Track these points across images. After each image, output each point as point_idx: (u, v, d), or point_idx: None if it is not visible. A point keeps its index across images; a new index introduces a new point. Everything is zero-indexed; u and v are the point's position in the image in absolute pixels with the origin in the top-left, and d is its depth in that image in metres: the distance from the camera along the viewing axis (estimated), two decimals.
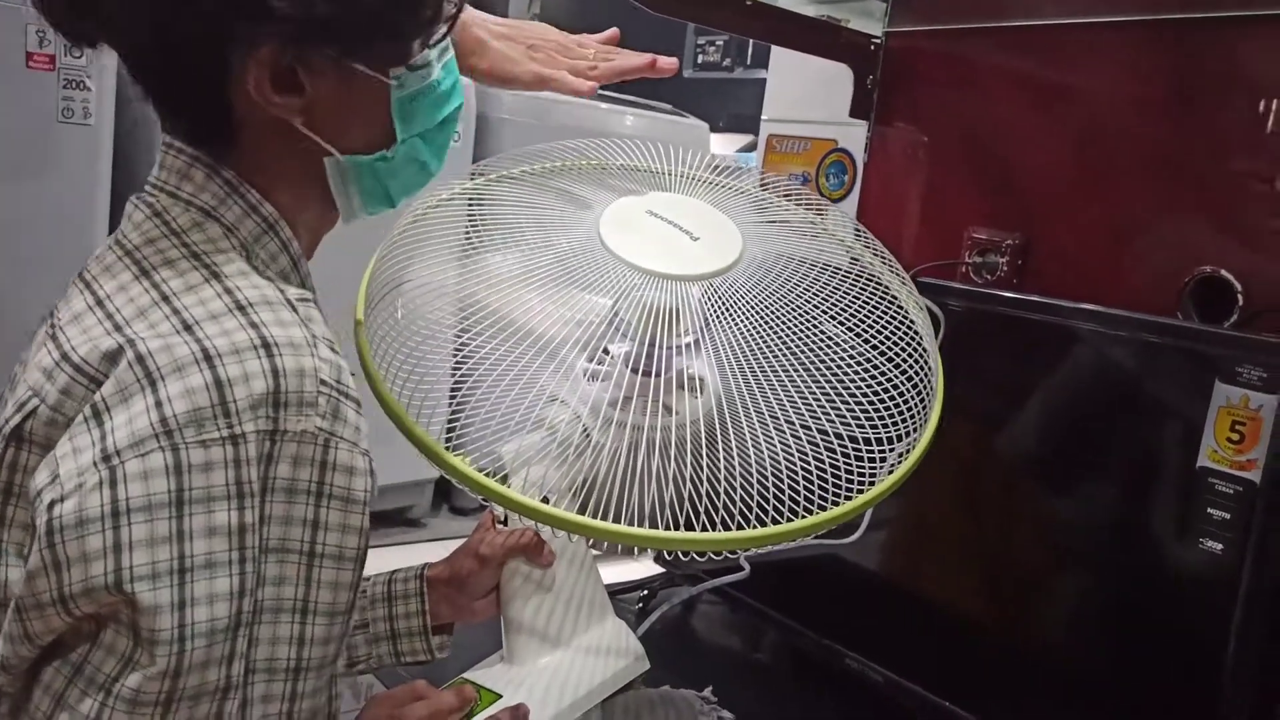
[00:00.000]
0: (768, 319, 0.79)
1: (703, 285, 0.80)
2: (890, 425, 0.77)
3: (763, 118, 1.61)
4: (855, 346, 0.80)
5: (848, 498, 0.74)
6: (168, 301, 0.64)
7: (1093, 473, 0.98)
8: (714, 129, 3.23)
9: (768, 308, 0.79)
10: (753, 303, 0.79)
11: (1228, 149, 1.12)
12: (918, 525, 1.12)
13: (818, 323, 0.79)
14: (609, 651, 0.93)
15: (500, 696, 0.88)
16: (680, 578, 1.35)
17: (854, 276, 0.85)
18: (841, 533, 0.78)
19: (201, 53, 0.64)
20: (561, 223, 0.85)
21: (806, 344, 0.78)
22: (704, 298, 0.79)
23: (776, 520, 0.71)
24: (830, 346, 0.79)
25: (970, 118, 1.37)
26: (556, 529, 0.73)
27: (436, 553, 0.99)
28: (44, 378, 0.64)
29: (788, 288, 0.81)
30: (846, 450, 0.75)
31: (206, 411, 0.58)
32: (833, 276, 0.83)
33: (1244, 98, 1.10)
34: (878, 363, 0.79)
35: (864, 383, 0.78)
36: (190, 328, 0.62)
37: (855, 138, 1.47)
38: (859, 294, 0.83)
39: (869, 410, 0.77)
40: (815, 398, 0.76)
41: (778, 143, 1.58)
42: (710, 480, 0.74)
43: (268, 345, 0.61)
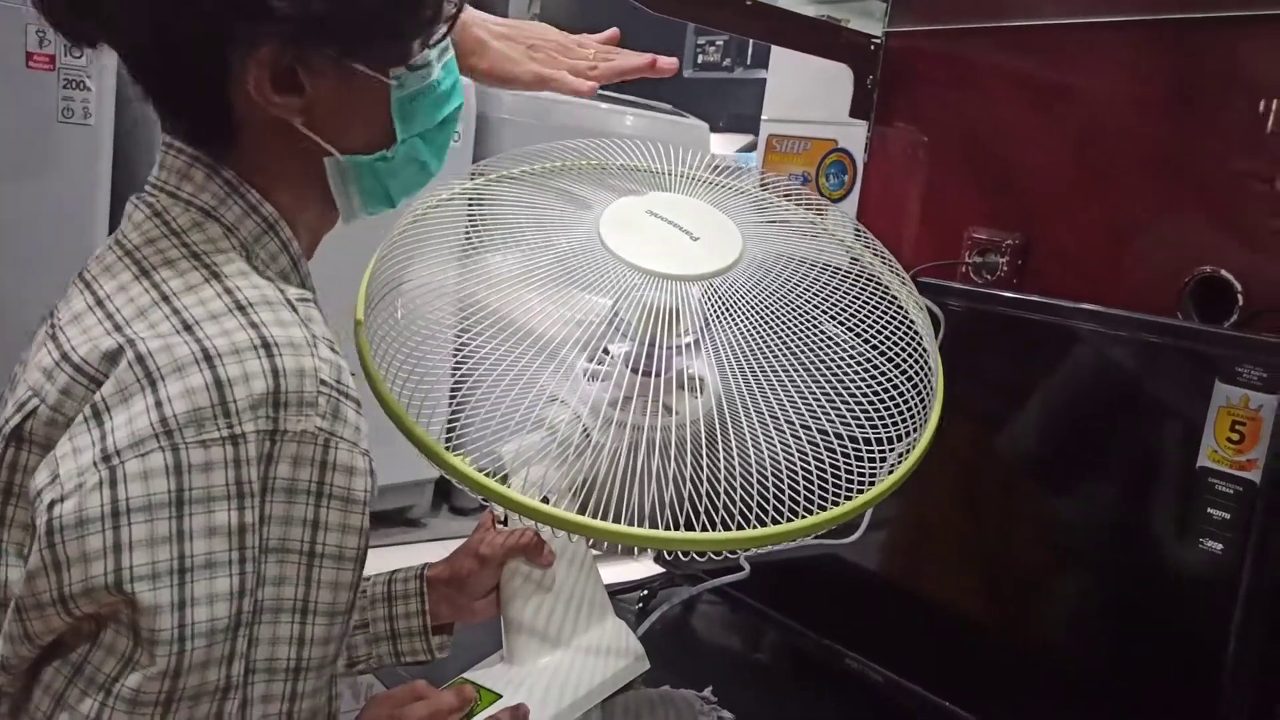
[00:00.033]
0: (768, 319, 0.79)
1: (703, 285, 0.80)
2: (890, 425, 0.77)
3: (763, 118, 1.60)
4: (855, 346, 0.79)
5: (848, 498, 0.74)
6: (168, 301, 0.64)
7: (1093, 473, 0.98)
8: (714, 129, 3.23)
9: (768, 308, 0.79)
10: (753, 303, 0.79)
11: (1228, 149, 1.12)
12: (918, 525, 1.12)
13: (818, 323, 0.79)
14: (609, 651, 0.93)
15: (500, 696, 0.88)
16: (680, 578, 1.35)
17: (854, 276, 0.84)
18: (842, 533, 0.78)
19: (201, 53, 0.64)
20: (561, 223, 0.85)
21: (806, 344, 0.78)
22: (704, 298, 0.79)
23: (776, 520, 0.71)
24: (830, 346, 0.79)
25: (970, 118, 1.37)
26: (556, 529, 0.73)
27: (436, 553, 0.99)
28: (44, 378, 0.64)
29: (788, 288, 0.81)
30: (846, 450, 0.75)
31: (206, 411, 0.59)
32: (833, 276, 0.83)
33: (1244, 98, 1.10)
34: (878, 363, 0.79)
35: (864, 383, 0.78)
36: (190, 328, 0.62)
37: (855, 138, 1.47)
38: (859, 294, 0.83)
39: (869, 410, 0.77)
40: (815, 398, 0.76)
41: (778, 143, 1.58)
42: (710, 480, 0.74)
43: (268, 345, 0.61)
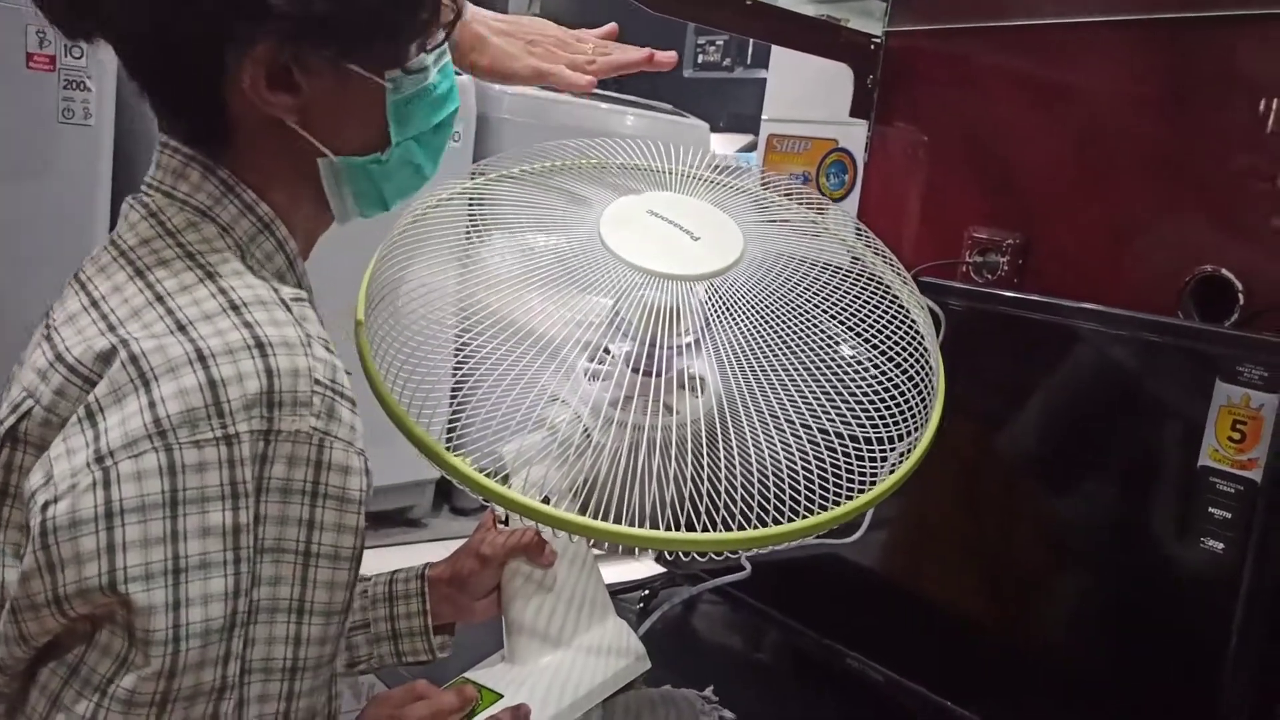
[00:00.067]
0: (768, 318, 0.78)
1: (703, 285, 0.80)
2: (891, 425, 0.77)
3: (763, 117, 1.60)
4: (856, 346, 0.79)
5: (849, 497, 0.73)
6: (162, 302, 0.64)
7: (1094, 472, 0.98)
8: (714, 129, 3.23)
9: (768, 307, 0.79)
10: (753, 302, 0.79)
11: (1228, 148, 1.12)
12: (919, 525, 1.12)
13: (818, 322, 0.79)
14: (610, 651, 0.93)
15: (501, 696, 0.88)
16: (681, 577, 1.35)
17: (855, 276, 0.84)
18: (843, 532, 0.78)
19: (198, 49, 0.64)
20: (562, 222, 0.85)
21: (807, 343, 0.78)
22: (704, 297, 0.79)
23: (777, 520, 0.71)
24: (831, 346, 0.79)
25: (970, 117, 1.37)
26: (557, 529, 0.73)
27: (437, 553, 0.99)
28: (38, 378, 0.64)
29: (788, 287, 0.81)
30: (847, 450, 0.75)
31: (200, 412, 0.58)
32: (833, 276, 0.83)
33: (1244, 97, 1.10)
34: (878, 362, 0.79)
35: (865, 382, 0.78)
36: (184, 328, 0.61)
37: (855, 137, 1.47)
38: (860, 293, 0.83)
39: (870, 410, 0.77)
40: (816, 397, 0.76)
41: (778, 142, 1.58)
42: (711, 480, 0.73)
43: (261, 345, 0.61)
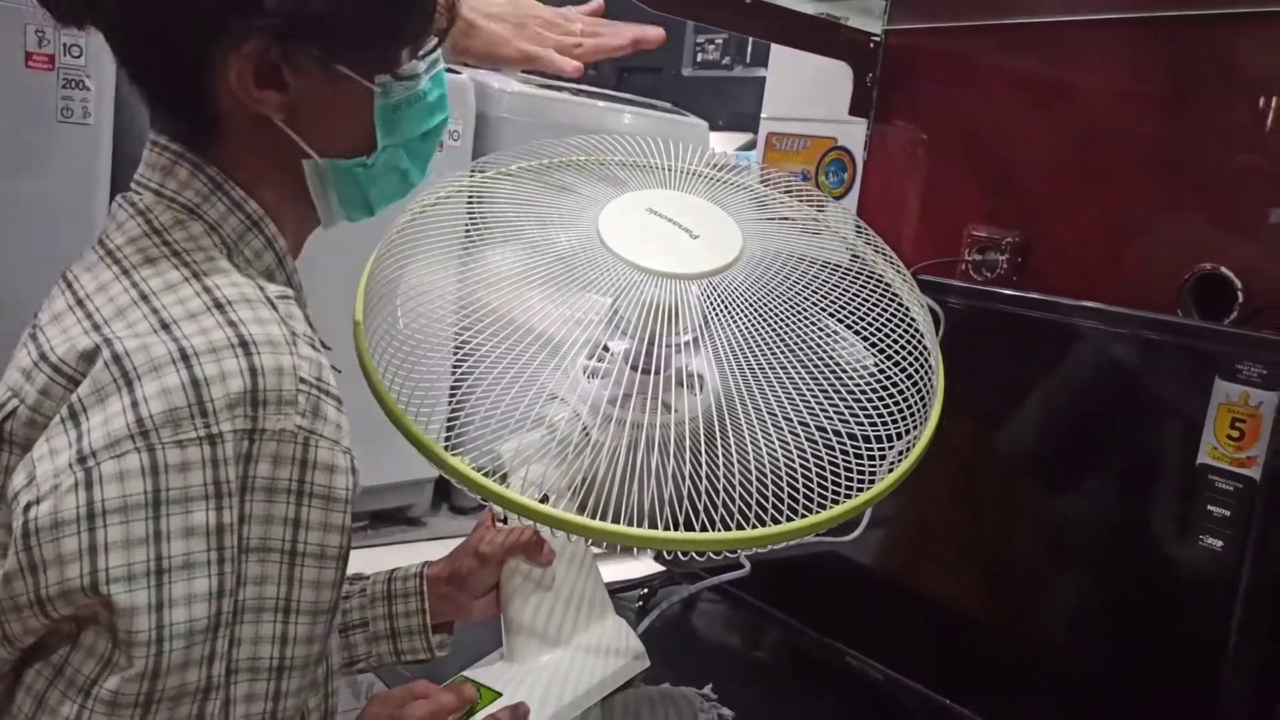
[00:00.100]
0: (767, 316, 0.78)
1: (702, 283, 0.80)
2: (890, 423, 0.77)
3: (762, 116, 1.60)
4: (855, 345, 0.79)
5: (848, 496, 0.73)
6: (146, 301, 0.63)
7: (1093, 470, 0.98)
8: (713, 127, 3.22)
9: (767, 305, 0.79)
10: (752, 300, 0.79)
11: (1227, 146, 1.12)
12: (918, 523, 1.12)
13: (818, 320, 0.79)
14: (609, 650, 0.93)
15: (500, 695, 0.88)
16: (680, 575, 1.35)
17: (854, 274, 0.84)
18: (842, 531, 0.77)
19: (188, 42, 0.64)
20: (561, 220, 0.85)
21: (806, 341, 0.78)
22: (703, 295, 0.79)
23: (776, 519, 0.71)
24: (830, 344, 0.79)
25: (970, 115, 1.37)
26: (555, 529, 0.73)
27: (436, 551, 0.99)
28: (23, 378, 0.64)
29: (787, 285, 0.81)
30: (846, 448, 0.75)
31: (183, 411, 0.58)
32: (833, 273, 0.83)
33: (1243, 95, 1.10)
34: (878, 360, 0.79)
35: (864, 380, 0.78)
36: (168, 327, 0.61)
37: (855, 136, 1.47)
38: (859, 291, 0.82)
39: (869, 408, 0.77)
40: (815, 395, 0.76)
41: (777, 140, 1.58)
42: (710, 478, 0.73)
43: (245, 344, 0.60)
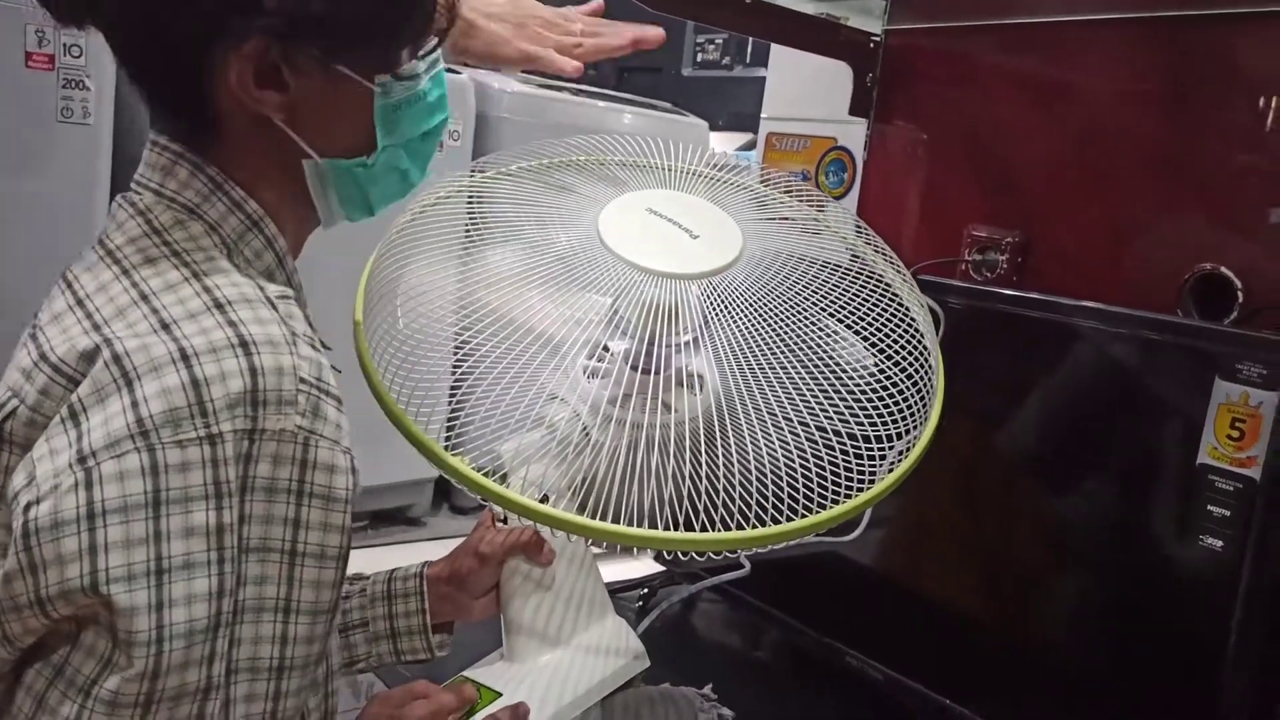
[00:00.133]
0: (767, 316, 0.78)
1: (702, 283, 0.80)
2: (890, 423, 0.77)
3: (762, 116, 1.60)
4: (855, 344, 0.79)
5: (848, 496, 0.73)
6: (146, 301, 0.63)
7: (1093, 470, 0.98)
8: (713, 127, 3.22)
9: (767, 305, 0.79)
10: (752, 300, 0.79)
11: (1227, 146, 1.12)
12: (918, 523, 1.12)
13: (818, 320, 0.79)
14: (609, 650, 0.93)
15: (500, 695, 0.88)
16: (680, 575, 1.35)
17: (854, 274, 0.84)
18: (842, 531, 0.77)
19: (188, 42, 0.64)
20: (561, 220, 0.85)
21: (806, 341, 0.78)
22: (703, 295, 0.79)
23: (776, 519, 0.71)
24: (830, 344, 0.79)
25: (970, 115, 1.37)
26: (555, 529, 0.73)
27: (436, 551, 0.99)
28: (23, 378, 0.64)
29: (787, 285, 0.81)
30: (846, 448, 0.75)
31: (183, 411, 0.58)
32: (833, 274, 0.83)
33: (1243, 95, 1.10)
34: (878, 360, 0.79)
35: (864, 380, 0.78)
36: (168, 327, 0.61)
37: (855, 135, 1.47)
38: (859, 291, 0.82)
39: (869, 408, 0.77)
40: (815, 395, 0.76)
41: (777, 140, 1.58)
42: (710, 478, 0.73)
43: (245, 344, 0.60)
